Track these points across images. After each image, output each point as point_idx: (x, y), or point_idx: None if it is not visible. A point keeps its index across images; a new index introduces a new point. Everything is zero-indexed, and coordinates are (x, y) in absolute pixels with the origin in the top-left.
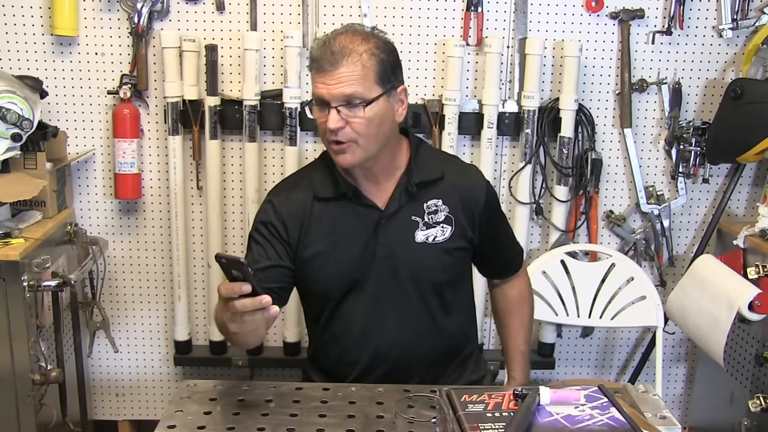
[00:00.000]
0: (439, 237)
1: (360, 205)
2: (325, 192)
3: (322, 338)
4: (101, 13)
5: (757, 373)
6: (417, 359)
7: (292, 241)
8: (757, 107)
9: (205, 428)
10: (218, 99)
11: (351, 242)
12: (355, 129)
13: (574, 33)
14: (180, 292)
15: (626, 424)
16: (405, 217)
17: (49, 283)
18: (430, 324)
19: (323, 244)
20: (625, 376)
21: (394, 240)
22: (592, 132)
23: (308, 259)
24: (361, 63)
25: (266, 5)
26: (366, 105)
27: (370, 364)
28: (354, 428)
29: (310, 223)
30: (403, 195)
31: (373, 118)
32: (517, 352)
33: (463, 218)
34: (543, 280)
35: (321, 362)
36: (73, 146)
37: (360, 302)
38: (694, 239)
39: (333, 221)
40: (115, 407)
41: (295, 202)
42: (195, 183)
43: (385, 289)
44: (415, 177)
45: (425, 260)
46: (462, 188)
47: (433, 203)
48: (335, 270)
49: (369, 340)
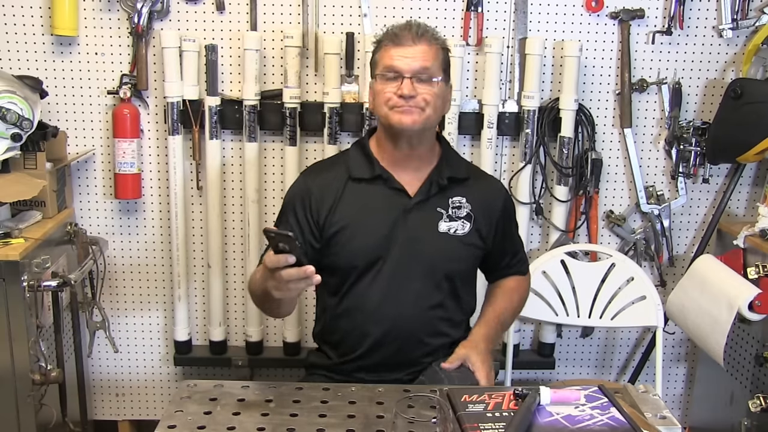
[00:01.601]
0: (459, 231)
1: (391, 189)
2: (360, 173)
3: (335, 312)
4: (101, 13)
5: (757, 373)
6: (423, 342)
7: (320, 218)
8: (757, 107)
9: (205, 428)
10: (218, 99)
11: (378, 222)
12: (424, 98)
13: (574, 33)
14: (180, 292)
15: (626, 424)
16: (431, 207)
17: (49, 283)
18: (439, 310)
19: (352, 220)
20: (625, 376)
21: (419, 226)
22: (592, 132)
23: (336, 233)
24: (437, 47)
25: (266, 5)
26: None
27: (380, 339)
28: (354, 428)
29: (341, 200)
30: (433, 186)
31: (438, 95)
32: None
33: (481, 219)
34: (543, 280)
35: (330, 336)
36: (73, 146)
37: (378, 279)
38: (694, 239)
39: (364, 200)
40: (115, 407)
41: (330, 179)
42: (195, 183)
43: (404, 270)
44: (445, 171)
45: (445, 249)
46: (484, 192)
47: (458, 199)
48: (360, 244)
49: (382, 317)
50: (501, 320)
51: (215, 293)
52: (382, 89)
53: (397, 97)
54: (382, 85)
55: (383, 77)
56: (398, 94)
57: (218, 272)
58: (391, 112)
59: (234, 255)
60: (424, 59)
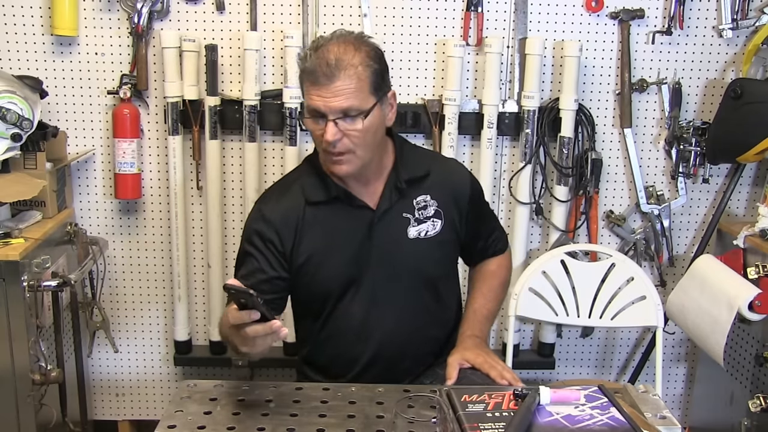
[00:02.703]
0: (430, 231)
1: (352, 207)
2: (316, 196)
3: (318, 338)
4: (101, 13)
5: (757, 373)
6: (413, 352)
7: (286, 250)
8: (757, 107)
9: (205, 428)
10: (218, 99)
11: (346, 243)
12: (353, 141)
13: (574, 33)
14: (180, 292)
15: (626, 424)
16: (396, 215)
17: (49, 283)
18: (425, 316)
19: (318, 247)
20: (625, 376)
21: (388, 238)
22: (592, 132)
23: (304, 263)
24: (357, 76)
25: (266, 5)
26: (364, 117)
27: (370, 361)
28: (354, 428)
29: (303, 228)
30: (393, 193)
31: (369, 128)
32: (471, 310)
33: (451, 211)
34: (543, 280)
35: (317, 361)
36: (73, 146)
37: (357, 300)
38: (694, 239)
39: (327, 224)
40: (115, 407)
41: (288, 208)
42: (195, 183)
43: (382, 286)
44: (402, 174)
45: (419, 255)
46: (448, 183)
47: (422, 199)
48: (332, 271)
49: (368, 337)
50: (485, 313)
51: (215, 293)
52: (312, 128)
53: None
54: (311, 124)
55: (309, 117)
56: (324, 139)
57: (218, 272)
58: (326, 159)
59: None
60: (345, 97)
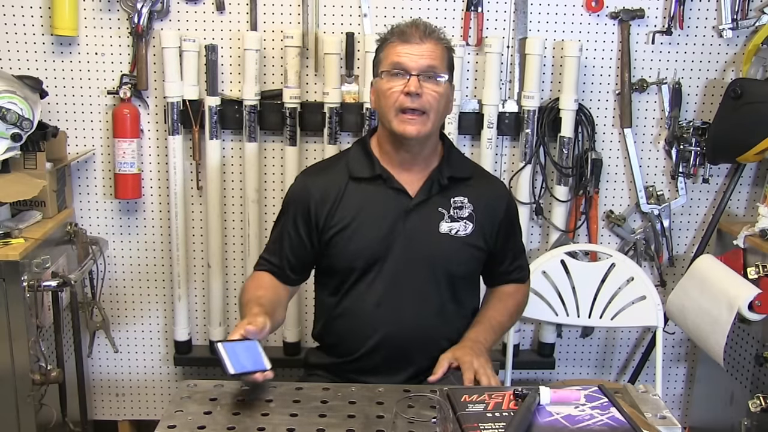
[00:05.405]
0: (461, 231)
1: (392, 189)
2: (360, 172)
3: (333, 314)
4: (101, 13)
5: (757, 373)
6: (422, 344)
7: (319, 221)
8: (757, 107)
9: (205, 428)
10: (218, 99)
11: (379, 222)
12: (429, 100)
13: (574, 33)
14: (180, 292)
15: (626, 424)
16: (432, 207)
17: (49, 283)
18: (440, 312)
19: (351, 220)
20: (625, 376)
21: (420, 227)
22: (592, 132)
23: (335, 234)
24: (442, 47)
25: (266, 5)
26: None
27: (378, 343)
28: (354, 428)
29: (341, 202)
30: (434, 186)
31: (443, 95)
32: (481, 318)
33: (484, 220)
34: (543, 280)
35: (328, 337)
36: (73, 146)
37: (378, 280)
38: (694, 239)
39: (364, 200)
40: (115, 407)
41: (329, 181)
42: (195, 183)
43: (404, 271)
44: (446, 171)
45: (446, 250)
46: (487, 192)
47: (460, 199)
48: (360, 245)
49: (380, 320)
50: (493, 323)
51: (215, 293)
52: (387, 86)
53: (404, 95)
54: (387, 82)
55: (389, 74)
56: (404, 91)
57: (218, 272)
58: (396, 119)
59: (234, 255)
60: (432, 57)
